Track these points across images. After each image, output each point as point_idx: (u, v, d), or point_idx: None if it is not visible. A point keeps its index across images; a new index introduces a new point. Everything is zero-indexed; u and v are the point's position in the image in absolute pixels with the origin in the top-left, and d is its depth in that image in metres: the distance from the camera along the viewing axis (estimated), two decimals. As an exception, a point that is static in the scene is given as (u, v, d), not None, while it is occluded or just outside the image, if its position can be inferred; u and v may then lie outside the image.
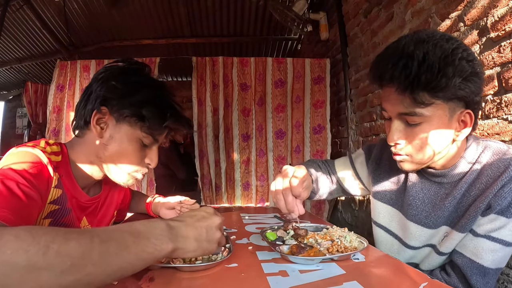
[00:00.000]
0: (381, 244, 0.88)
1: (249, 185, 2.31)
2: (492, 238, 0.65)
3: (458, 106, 0.63)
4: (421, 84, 0.58)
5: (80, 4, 2.78)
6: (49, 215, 0.65)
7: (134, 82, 0.71)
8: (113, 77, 0.70)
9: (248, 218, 1.10)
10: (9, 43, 3.43)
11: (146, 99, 0.70)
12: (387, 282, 0.56)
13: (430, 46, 0.58)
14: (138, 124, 0.71)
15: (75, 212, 0.73)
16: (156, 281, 0.54)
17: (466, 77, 0.59)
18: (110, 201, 0.88)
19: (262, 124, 2.29)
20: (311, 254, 0.63)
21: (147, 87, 0.72)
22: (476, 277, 0.66)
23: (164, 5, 2.81)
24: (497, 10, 0.95)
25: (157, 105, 0.72)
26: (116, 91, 0.69)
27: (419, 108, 0.62)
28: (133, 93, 0.70)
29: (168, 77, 4.76)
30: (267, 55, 3.91)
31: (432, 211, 0.74)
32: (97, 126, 0.69)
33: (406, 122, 0.66)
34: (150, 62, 2.21)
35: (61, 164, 0.69)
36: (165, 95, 0.75)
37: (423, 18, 1.31)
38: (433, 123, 0.63)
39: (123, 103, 0.69)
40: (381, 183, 0.88)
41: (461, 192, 0.70)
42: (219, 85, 2.24)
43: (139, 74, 0.75)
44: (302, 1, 2.34)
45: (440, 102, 0.61)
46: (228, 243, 0.71)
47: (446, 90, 0.59)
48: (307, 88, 2.25)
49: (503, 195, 0.63)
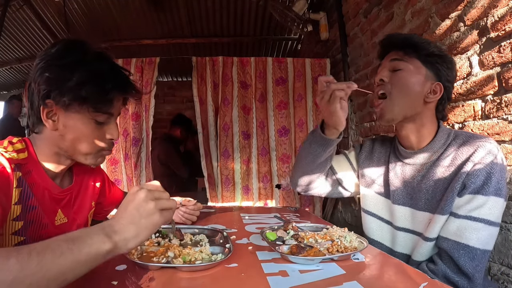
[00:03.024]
0: (372, 231, 0.93)
1: (249, 189, 2.29)
2: (473, 218, 0.69)
3: (432, 76, 0.82)
4: (410, 43, 0.83)
5: (80, 4, 2.78)
6: (18, 217, 0.65)
7: (67, 65, 0.67)
8: (46, 67, 0.68)
9: (248, 218, 1.10)
10: (9, 43, 3.43)
11: (82, 79, 0.67)
12: (387, 282, 0.56)
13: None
14: (84, 106, 0.68)
15: (48, 205, 0.73)
16: (156, 281, 0.54)
17: (441, 56, 0.82)
18: (85, 192, 0.87)
19: (263, 121, 2.27)
20: (311, 254, 0.63)
21: (81, 66, 0.68)
22: (464, 258, 0.68)
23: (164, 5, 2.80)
24: (497, 10, 0.95)
25: (94, 82, 0.68)
26: (52, 81, 0.67)
27: (405, 57, 0.83)
28: (68, 78, 0.67)
29: (168, 77, 4.76)
30: (267, 55, 3.91)
31: (413, 192, 0.83)
32: (48, 120, 0.69)
33: (392, 68, 0.84)
34: (150, 62, 2.21)
35: (28, 160, 0.69)
36: (102, 67, 0.71)
37: (423, 18, 1.31)
38: (411, 74, 0.82)
39: (62, 91, 0.66)
40: (369, 174, 0.97)
41: (436, 174, 0.78)
42: (219, 83, 2.24)
43: (72, 53, 0.69)
44: (302, 1, 2.34)
45: (419, 62, 0.82)
46: (228, 243, 0.71)
47: (425, 52, 0.81)
48: (309, 86, 2.24)
49: (476, 174, 0.69)
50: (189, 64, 2.28)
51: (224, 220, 1.08)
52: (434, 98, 0.82)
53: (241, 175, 2.27)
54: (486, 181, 0.68)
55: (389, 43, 0.89)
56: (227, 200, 2.27)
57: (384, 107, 0.84)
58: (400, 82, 0.82)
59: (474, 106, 1.07)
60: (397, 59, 0.84)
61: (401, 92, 0.82)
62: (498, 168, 0.69)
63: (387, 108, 0.83)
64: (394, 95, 0.82)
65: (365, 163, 0.99)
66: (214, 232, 0.83)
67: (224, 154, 2.26)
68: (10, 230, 0.64)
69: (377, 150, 0.98)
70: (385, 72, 0.85)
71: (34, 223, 0.69)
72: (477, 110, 1.05)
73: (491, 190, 0.68)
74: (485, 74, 1.01)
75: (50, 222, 0.74)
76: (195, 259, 0.62)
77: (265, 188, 2.28)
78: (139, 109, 2.20)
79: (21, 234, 0.66)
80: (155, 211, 0.53)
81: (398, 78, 0.82)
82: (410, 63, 0.82)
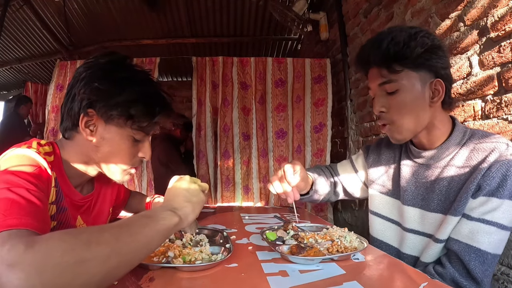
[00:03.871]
0: (380, 233, 0.90)
1: (249, 189, 2.29)
2: (486, 221, 0.66)
3: (428, 75, 0.73)
4: (391, 56, 0.72)
5: (80, 4, 2.78)
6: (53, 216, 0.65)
7: (118, 80, 0.68)
8: (95, 77, 0.67)
9: (248, 218, 1.10)
10: (9, 43, 3.43)
11: (132, 97, 0.68)
12: (387, 282, 0.56)
13: (397, 31, 0.73)
14: (128, 122, 0.69)
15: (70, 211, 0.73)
16: (156, 281, 0.54)
17: (428, 49, 0.71)
18: (103, 198, 0.87)
19: (263, 123, 2.28)
20: (311, 254, 0.63)
21: (132, 84, 0.69)
22: (474, 262, 0.66)
23: (164, 5, 2.81)
24: (497, 10, 0.95)
25: (144, 102, 0.70)
26: (101, 92, 0.67)
27: (394, 75, 0.74)
28: (118, 92, 0.67)
29: (168, 77, 4.76)
30: (267, 55, 3.91)
31: (426, 193, 0.78)
32: (86, 129, 0.68)
33: (386, 92, 0.76)
34: (150, 62, 2.21)
35: (54, 164, 0.68)
36: (152, 89, 0.73)
37: (423, 18, 1.31)
38: (408, 90, 0.74)
39: (110, 104, 0.67)
40: (378, 175, 0.93)
41: (450, 175, 0.74)
42: (219, 84, 2.24)
43: (122, 69, 0.71)
44: (302, 1, 2.34)
45: (409, 71, 0.73)
46: (228, 243, 0.71)
47: (411, 58, 0.71)
48: (308, 87, 2.24)
49: (491, 175, 0.66)
50: (189, 64, 2.28)
51: (224, 220, 1.08)
52: (439, 98, 0.74)
53: (241, 176, 2.28)
54: (502, 184, 0.65)
55: (367, 62, 0.80)
56: (227, 200, 2.27)
57: (392, 130, 0.78)
58: (400, 106, 0.75)
59: (474, 106, 1.07)
60: (385, 82, 0.75)
61: (405, 114, 0.75)
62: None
63: (395, 131, 0.78)
64: (399, 119, 0.76)
65: (374, 165, 0.95)
66: (214, 232, 0.83)
67: (225, 155, 2.27)
68: None
69: (385, 151, 0.94)
70: (380, 102, 0.77)
71: (63, 224, 0.69)
72: (477, 110, 1.06)
73: (506, 193, 0.65)
74: (485, 74, 1.01)
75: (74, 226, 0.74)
76: (195, 259, 0.62)
77: (265, 188, 2.29)
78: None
79: None
80: (200, 191, 0.65)
81: (396, 103, 0.75)
82: (401, 78, 0.73)
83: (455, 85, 1.14)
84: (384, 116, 0.78)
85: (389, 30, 0.75)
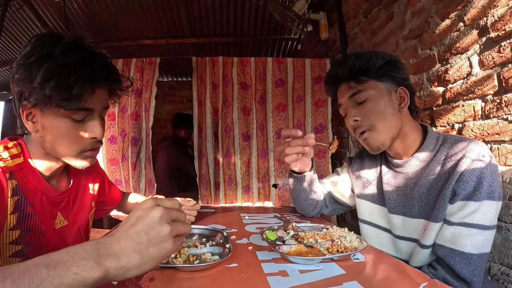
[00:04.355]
0: (370, 240, 0.92)
1: (250, 188, 2.29)
2: (467, 225, 0.68)
3: (392, 85, 0.83)
4: (356, 69, 0.83)
5: (80, 4, 2.78)
6: (14, 226, 0.64)
7: (33, 63, 0.62)
8: (16, 67, 0.64)
9: (248, 218, 1.10)
10: (9, 43, 3.43)
11: (46, 76, 0.60)
12: (387, 282, 0.56)
13: (360, 51, 0.87)
14: (52, 105, 0.63)
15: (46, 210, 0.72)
16: (156, 281, 0.54)
17: (388, 62, 0.82)
18: (83, 192, 0.86)
19: (263, 123, 2.28)
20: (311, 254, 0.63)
21: (47, 61, 0.62)
22: (460, 265, 0.67)
23: (164, 5, 2.81)
24: (497, 10, 0.95)
25: (59, 77, 0.61)
26: (20, 82, 0.63)
27: (361, 85, 0.82)
28: (34, 76, 0.61)
29: (168, 77, 4.76)
30: (267, 55, 3.91)
31: (406, 200, 0.82)
32: (28, 122, 0.67)
33: (356, 103, 0.83)
34: (150, 62, 2.21)
35: (24, 165, 0.68)
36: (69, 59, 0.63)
37: (423, 18, 1.31)
38: (376, 98, 0.81)
39: (32, 91, 0.62)
40: (363, 184, 0.97)
41: (428, 181, 0.77)
42: (219, 85, 2.24)
43: (40, 49, 0.63)
44: (302, 1, 2.34)
45: (375, 81, 0.82)
46: (228, 243, 0.71)
47: (374, 69, 0.82)
48: (308, 87, 2.24)
49: (465, 180, 0.67)
50: (189, 64, 2.28)
51: (224, 220, 1.08)
52: (406, 104, 0.82)
53: (242, 175, 2.29)
54: (477, 186, 0.66)
55: (336, 79, 0.88)
56: (229, 199, 2.28)
57: (369, 138, 0.83)
58: (372, 112, 0.81)
59: (474, 106, 1.07)
60: (355, 93, 0.83)
61: (378, 120, 0.81)
62: (488, 171, 0.67)
63: (372, 138, 0.83)
64: (373, 126, 0.82)
65: (357, 174, 1.00)
66: (214, 232, 0.83)
67: (227, 155, 2.27)
68: (7, 240, 0.64)
69: (367, 161, 0.98)
70: (352, 112, 0.84)
71: (32, 230, 0.68)
72: (477, 110, 1.06)
73: (483, 194, 0.66)
74: (485, 74, 1.01)
75: (49, 227, 0.73)
76: (195, 259, 0.62)
77: (264, 187, 2.29)
78: (139, 109, 2.20)
79: (18, 243, 0.65)
80: (169, 238, 0.43)
81: (368, 110, 0.81)
82: (368, 88, 0.82)
83: (455, 85, 1.14)
84: (359, 124, 0.84)
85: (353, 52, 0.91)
